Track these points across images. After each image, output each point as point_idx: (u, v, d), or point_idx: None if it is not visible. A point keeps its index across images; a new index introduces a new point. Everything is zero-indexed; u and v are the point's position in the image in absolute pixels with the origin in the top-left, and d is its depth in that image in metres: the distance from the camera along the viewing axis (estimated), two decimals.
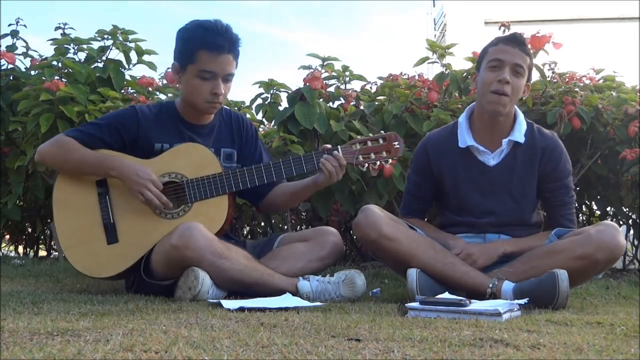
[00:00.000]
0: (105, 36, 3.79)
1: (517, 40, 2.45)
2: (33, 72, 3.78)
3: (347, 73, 3.72)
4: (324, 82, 3.58)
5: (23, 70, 3.88)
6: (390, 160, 2.40)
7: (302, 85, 3.50)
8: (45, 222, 4.22)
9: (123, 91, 3.76)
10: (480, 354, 1.30)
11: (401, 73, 3.79)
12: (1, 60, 3.79)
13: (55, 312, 1.83)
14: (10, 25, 3.96)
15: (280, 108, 3.55)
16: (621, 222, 3.80)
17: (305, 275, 2.33)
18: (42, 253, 4.52)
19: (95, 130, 2.47)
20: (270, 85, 3.57)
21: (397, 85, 3.62)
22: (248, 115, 3.52)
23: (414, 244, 2.34)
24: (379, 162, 2.39)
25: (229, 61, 2.42)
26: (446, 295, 2.06)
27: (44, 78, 3.58)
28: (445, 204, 2.61)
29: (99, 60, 3.80)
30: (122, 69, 3.78)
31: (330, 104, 3.65)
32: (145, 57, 3.84)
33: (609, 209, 3.80)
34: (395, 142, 2.37)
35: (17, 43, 3.95)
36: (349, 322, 1.70)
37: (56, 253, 4.05)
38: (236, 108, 3.67)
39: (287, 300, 2.09)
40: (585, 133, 3.47)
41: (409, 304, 1.94)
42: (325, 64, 3.65)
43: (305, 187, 2.52)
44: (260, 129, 3.76)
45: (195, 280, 2.20)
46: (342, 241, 2.56)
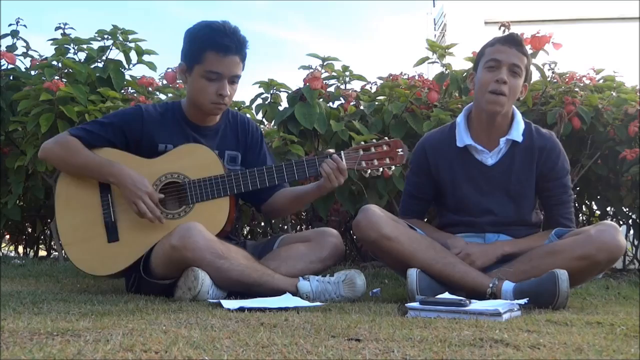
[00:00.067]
0: (105, 36, 3.79)
1: (514, 41, 2.45)
2: (33, 72, 3.79)
3: (347, 73, 3.72)
4: (324, 82, 3.58)
5: (23, 70, 3.88)
6: (394, 167, 2.39)
7: (302, 85, 3.50)
8: (45, 222, 4.22)
9: (123, 91, 3.76)
10: (480, 354, 1.30)
11: (401, 73, 3.79)
12: (1, 60, 3.79)
13: (55, 312, 1.83)
14: (10, 25, 3.97)
15: (280, 108, 3.55)
16: (621, 222, 3.80)
17: (305, 275, 2.33)
18: (42, 253, 4.52)
19: (100, 129, 2.48)
20: (270, 85, 3.57)
21: (397, 85, 3.62)
22: (248, 115, 3.52)
23: (414, 244, 2.34)
24: (382, 169, 2.38)
25: (235, 62, 2.42)
26: (446, 295, 2.06)
27: (44, 78, 3.58)
28: (444, 203, 2.61)
29: (99, 60, 3.80)
30: (122, 69, 3.78)
31: (330, 104, 3.65)
32: (145, 57, 3.84)
33: (609, 209, 3.81)
34: (399, 149, 2.36)
35: (17, 43, 3.97)
36: (349, 322, 1.70)
37: (56, 253, 4.05)
38: (236, 108, 3.67)
39: (287, 300, 2.09)
40: (585, 133, 3.47)
41: (409, 304, 1.94)
42: (325, 64, 3.65)
43: (308, 191, 2.52)
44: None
45: (195, 281, 2.20)
46: (342, 243, 2.55)
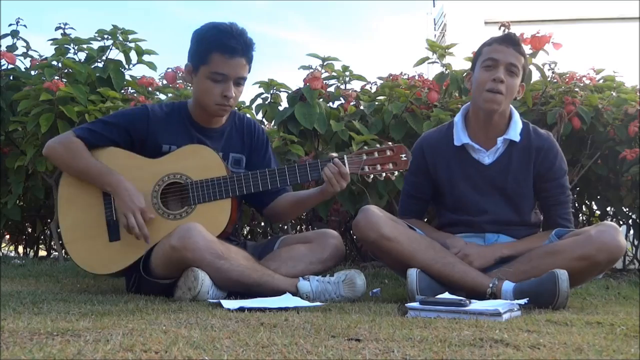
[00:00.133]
0: (105, 36, 3.79)
1: (511, 40, 2.46)
2: (33, 72, 3.79)
3: (347, 73, 3.72)
4: (324, 82, 3.58)
5: (23, 70, 3.88)
6: (397, 172, 2.38)
7: (302, 85, 3.50)
8: (45, 222, 4.22)
9: (123, 91, 3.76)
10: (480, 354, 1.30)
11: (401, 73, 3.79)
12: (1, 60, 3.79)
13: (55, 312, 1.83)
14: (10, 25, 3.97)
15: (280, 108, 3.55)
16: (621, 222, 3.80)
17: (305, 275, 2.33)
18: (42, 253, 4.52)
19: (105, 129, 2.48)
20: (270, 85, 3.57)
21: (397, 85, 3.62)
22: (248, 115, 3.52)
23: (414, 244, 2.34)
24: (384, 174, 2.37)
25: (241, 64, 2.41)
26: (446, 295, 2.06)
27: (44, 78, 3.58)
28: (443, 203, 2.61)
29: (99, 60, 3.80)
30: (122, 69, 3.78)
31: (330, 104, 3.65)
32: (145, 57, 3.84)
33: (609, 209, 3.81)
34: (403, 154, 2.35)
35: (17, 43, 3.96)
36: (349, 322, 1.70)
37: (56, 253, 4.05)
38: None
39: (287, 300, 2.09)
40: (585, 133, 3.47)
41: (409, 304, 1.94)
42: (325, 64, 3.65)
43: (311, 196, 2.51)
44: None
45: (195, 281, 2.20)
46: (343, 244, 2.55)
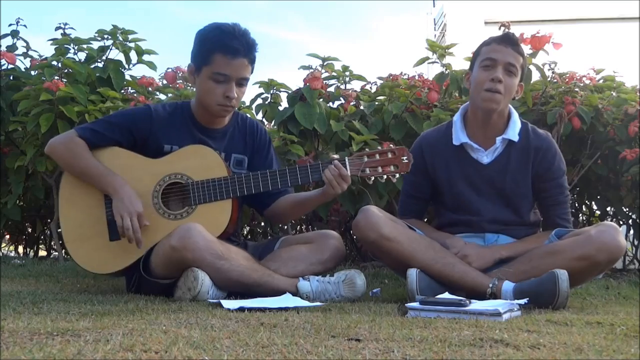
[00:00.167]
0: (105, 36, 3.79)
1: (510, 40, 2.46)
2: (33, 72, 3.79)
3: (347, 73, 3.72)
4: (324, 82, 3.58)
5: (23, 70, 3.88)
6: (398, 175, 2.37)
7: (302, 85, 3.50)
8: (45, 222, 4.22)
9: (123, 91, 3.76)
10: (480, 354, 1.30)
11: (401, 73, 3.79)
12: (1, 60, 3.79)
13: (55, 312, 1.83)
14: (10, 25, 3.97)
15: (280, 108, 3.55)
16: (621, 222, 3.80)
17: (306, 276, 2.33)
18: (42, 253, 4.52)
19: (107, 129, 2.48)
20: (270, 85, 3.57)
21: (397, 85, 3.62)
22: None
23: (414, 245, 2.34)
24: (385, 176, 2.37)
25: (243, 65, 2.41)
26: (446, 295, 2.06)
27: (44, 78, 3.58)
28: (443, 202, 2.61)
29: (99, 60, 3.80)
30: (122, 69, 3.78)
31: (330, 104, 3.65)
32: (145, 57, 3.84)
33: (609, 209, 3.81)
34: (404, 157, 2.35)
35: (17, 43, 3.96)
36: (349, 322, 1.70)
37: (56, 253, 4.05)
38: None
39: (287, 300, 2.09)
40: (585, 133, 3.47)
41: (409, 304, 1.94)
42: (325, 64, 3.65)
43: (312, 197, 2.51)
44: None
45: (195, 281, 2.20)
46: (343, 245, 2.55)
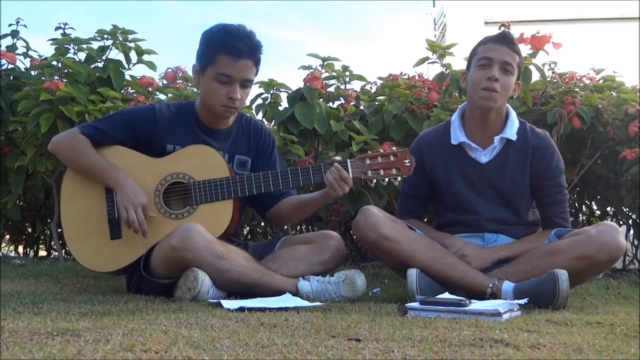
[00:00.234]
0: (105, 36, 3.79)
1: (505, 39, 2.46)
2: (33, 72, 3.79)
3: (347, 73, 3.72)
4: (324, 82, 3.58)
5: (23, 70, 3.88)
6: (400, 178, 2.37)
7: (302, 85, 3.50)
8: (45, 222, 4.21)
9: (123, 91, 3.76)
10: (480, 354, 1.30)
11: (401, 73, 3.79)
12: (1, 60, 3.79)
13: (55, 312, 1.83)
14: (10, 25, 3.97)
15: (280, 108, 3.55)
16: (621, 222, 3.80)
17: (306, 276, 2.33)
18: (42, 253, 4.52)
19: (111, 127, 2.48)
20: (270, 85, 3.57)
21: (397, 85, 3.62)
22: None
23: (414, 245, 2.34)
24: (387, 179, 2.36)
25: (248, 67, 2.41)
26: (446, 295, 2.06)
27: (44, 78, 3.58)
28: (442, 202, 2.61)
29: (99, 60, 3.80)
30: (122, 69, 3.78)
31: (330, 104, 3.65)
32: (145, 57, 3.84)
33: (609, 209, 3.81)
34: (406, 160, 2.34)
35: (17, 43, 3.96)
36: (349, 322, 1.70)
37: (56, 253, 4.05)
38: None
39: (287, 300, 2.09)
40: (585, 133, 3.47)
41: (409, 304, 1.94)
42: (325, 64, 3.65)
43: (313, 199, 2.51)
44: None
45: (195, 281, 2.20)
46: (344, 246, 2.55)
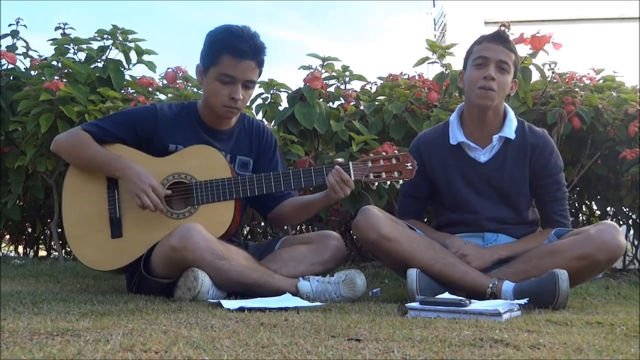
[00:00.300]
0: (105, 36, 3.79)
1: (500, 38, 2.47)
2: (33, 72, 3.79)
3: (347, 73, 3.72)
4: (324, 82, 3.58)
5: (23, 70, 3.88)
6: (401, 181, 2.37)
7: (302, 85, 3.50)
8: (45, 222, 4.21)
9: (123, 91, 3.76)
10: (480, 354, 1.30)
11: (401, 73, 3.79)
12: (1, 60, 3.79)
13: (55, 312, 1.83)
14: (10, 25, 3.97)
15: (280, 108, 3.55)
16: (621, 222, 3.80)
17: (306, 276, 2.33)
18: (42, 253, 4.52)
19: (112, 126, 2.49)
20: (270, 85, 3.57)
21: (397, 85, 3.63)
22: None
23: (414, 245, 2.34)
24: (389, 182, 2.36)
25: (250, 67, 2.41)
26: (446, 295, 2.06)
27: (44, 78, 3.59)
28: (441, 202, 2.61)
29: (99, 60, 3.80)
30: (122, 69, 3.78)
31: (330, 104, 3.65)
32: (145, 57, 3.84)
33: (609, 209, 3.80)
34: (408, 163, 2.35)
35: (17, 43, 3.96)
36: (349, 322, 1.70)
37: (56, 253, 4.05)
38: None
39: (287, 300, 2.09)
40: (585, 133, 3.47)
41: (409, 304, 1.94)
42: (325, 64, 3.66)
43: (315, 201, 2.51)
44: None
45: (195, 281, 2.20)
46: (344, 246, 2.55)
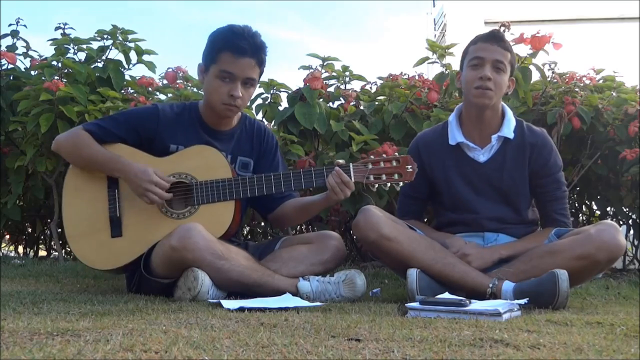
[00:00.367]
0: (105, 36, 3.79)
1: (495, 37, 2.47)
2: (33, 72, 3.79)
3: (347, 73, 3.72)
4: (324, 82, 3.58)
5: (23, 70, 3.88)
6: (401, 183, 2.37)
7: (302, 85, 3.50)
8: (45, 222, 4.22)
9: (123, 91, 3.76)
10: (480, 354, 1.30)
11: (401, 73, 3.79)
12: (1, 60, 3.79)
13: (55, 312, 1.83)
14: (10, 25, 3.97)
15: (280, 108, 3.55)
16: (621, 222, 3.80)
17: (306, 276, 2.33)
18: (42, 253, 4.52)
19: (113, 126, 2.49)
20: (270, 85, 3.57)
21: (397, 85, 3.63)
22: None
23: (414, 245, 2.34)
24: (389, 184, 2.36)
25: (250, 65, 2.41)
26: (446, 295, 2.06)
27: (44, 78, 3.59)
28: (441, 202, 2.61)
29: (99, 60, 3.80)
30: (122, 69, 3.78)
31: (330, 104, 3.65)
32: (145, 57, 3.84)
33: (609, 209, 3.80)
34: (408, 166, 2.35)
35: (18, 43, 3.97)
36: (349, 322, 1.70)
37: (56, 253, 4.05)
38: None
39: (287, 300, 2.09)
40: (585, 133, 3.47)
41: (409, 304, 1.94)
42: (325, 64, 3.66)
43: (315, 202, 2.51)
44: None
45: (195, 281, 2.20)
46: (344, 246, 2.55)
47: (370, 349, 1.33)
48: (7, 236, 4.61)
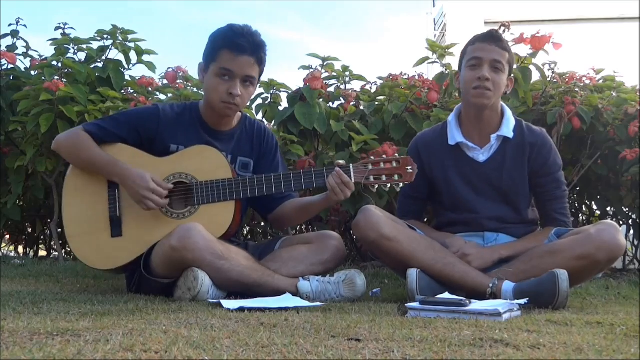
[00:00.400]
0: (105, 36, 3.79)
1: (493, 37, 2.47)
2: (33, 72, 3.79)
3: (347, 73, 3.72)
4: (324, 82, 3.58)
5: (23, 70, 3.88)
6: (401, 184, 2.37)
7: (302, 85, 3.50)
8: (45, 222, 4.22)
9: (123, 91, 3.77)
10: (480, 354, 1.30)
11: (401, 73, 3.79)
12: (1, 60, 3.80)
13: (55, 312, 1.83)
14: (10, 25, 3.97)
15: (280, 108, 3.55)
16: (621, 222, 3.80)
17: (306, 276, 2.33)
18: (42, 253, 4.52)
19: (114, 126, 2.49)
20: (270, 85, 3.57)
21: (397, 85, 3.63)
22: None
23: (414, 244, 2.34)
24: (389, 185, 2.36)
25: (249, 63, 2.41)
26: (446, 295, 2.06)
27: (44, 78, 3.59)
28: (440, 202, 2.61)
29: (99, 60, 3.80)
30: (122, 69, 3.78)
31: (330, 104, 3.65)
32: (145, 57, 3.85)
33: (609, 209, 3.80)
34: (409, 167, 2.35)
35: (18, 43, 3.97)
36: (349, 322, 1.70)
37: (56, 253, 4.05)
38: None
39: (287, 300, 2.09)
40: (585, 133, 3.47)
41: (409, 304, 1.94)
42: (325, 64, 3.65)
43: (315, 202, 2.51)
44: None
45: (195, 281, 2.20)
46: (344, 246, 2.55)
47: (370, 349, 1.33)
48: (7, 236, 4.61)
